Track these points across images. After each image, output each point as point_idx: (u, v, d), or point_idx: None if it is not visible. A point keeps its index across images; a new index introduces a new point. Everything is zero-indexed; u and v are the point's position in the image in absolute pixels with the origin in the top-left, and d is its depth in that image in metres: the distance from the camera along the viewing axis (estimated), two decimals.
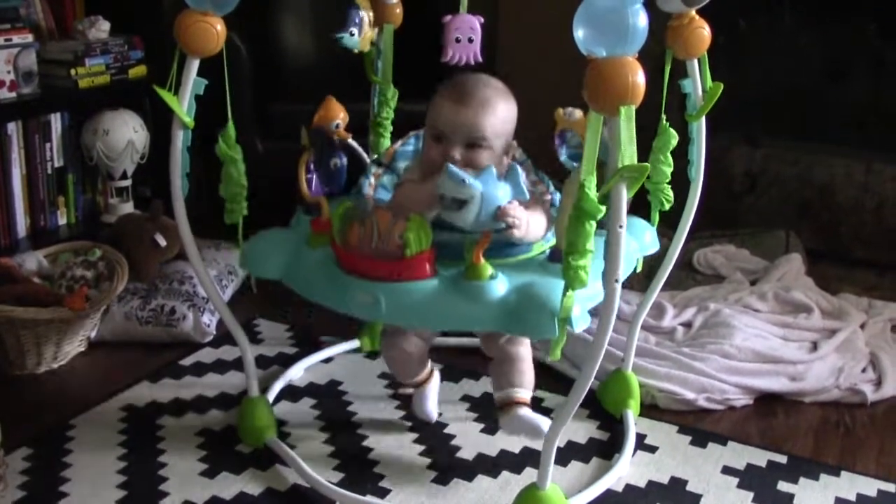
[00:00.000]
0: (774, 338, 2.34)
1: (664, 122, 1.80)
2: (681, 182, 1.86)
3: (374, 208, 1.55)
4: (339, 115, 1.86)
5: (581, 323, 1.48)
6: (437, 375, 2.00)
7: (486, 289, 1.51)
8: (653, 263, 1.91)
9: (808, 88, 3.25)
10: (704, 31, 1.74)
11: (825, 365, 2.23)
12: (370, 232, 1.52)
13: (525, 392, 1.76)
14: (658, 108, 1.78)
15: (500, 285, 1.52)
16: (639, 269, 1.84)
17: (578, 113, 1.70)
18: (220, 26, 1.62)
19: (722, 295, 2.58)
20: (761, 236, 2.96)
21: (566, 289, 1.43)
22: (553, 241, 1.66)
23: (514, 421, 1.73)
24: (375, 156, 2.11)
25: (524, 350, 1.78)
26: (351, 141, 1.91)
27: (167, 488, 1.77)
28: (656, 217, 1.87)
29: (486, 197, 1.46)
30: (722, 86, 1.75)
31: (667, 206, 1.84)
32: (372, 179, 1.81)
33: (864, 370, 2.24)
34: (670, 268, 1.94)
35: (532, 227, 1.57)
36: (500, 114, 1.65)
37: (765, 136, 3.23)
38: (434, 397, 2.00)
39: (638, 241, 1.82)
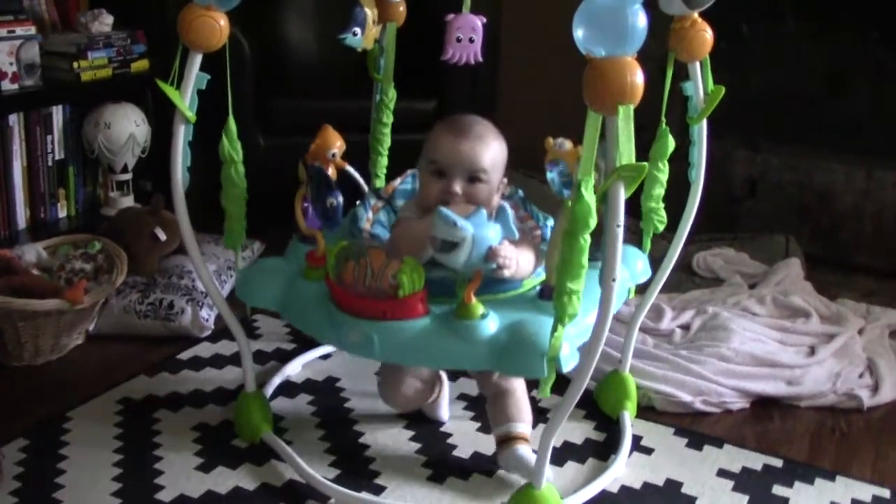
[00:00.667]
0: (772, 342, 2.35)
1: (663, 126, 1.80)
2: (681, 185, 1.86)
3: (368, 248, 1.58)
4: (336, 144, 1.86)
5: (570, 362, 1.50)
6: (446, 382, 2.00)
7: (476, 328, 1.53)
8: (652, 265, 1.91)
9: (810, 94, 3.25)
10: (707, 34, 1.74)
11: (822, 370, 2.23)
12: (364, 271, 1.55)
13: (524, 427, 1.78)
14: (659, 110, 1.79)
15: (490, 324, 1.54)
16: (631, 297, 1.85)
17: (568, 144, 1.72)
18: (223, 21, 1.62)
19: (720, 298, 2.58)
20: (761, 240, 2.96)
21: (555, 326, 1.45)
22: (543, 277, 1.66)
23: (513, 458, 1.75)
24: (374, 178, 2.12)
25: (518, 384, 1.81)
26: (348, 168, 1.92)
27: (162, 482, 1.77)
28: (648, 244, 1.88)
29: (477, 238, 1.47)
30: (724, 89, 1.76)
31: (661, 228, 1.85)
32: (370, 213, 1.81)
33: (861, 375, 2.24)
34: (669, 270, 1.94)
35: (522, 264, 1.59)
36: (494, 148, 1.70)
37: (766, 141, 3.23)
38: (445, 404, 2.01)
39: (630, 269, 1.83)
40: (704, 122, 1.82)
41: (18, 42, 2.65)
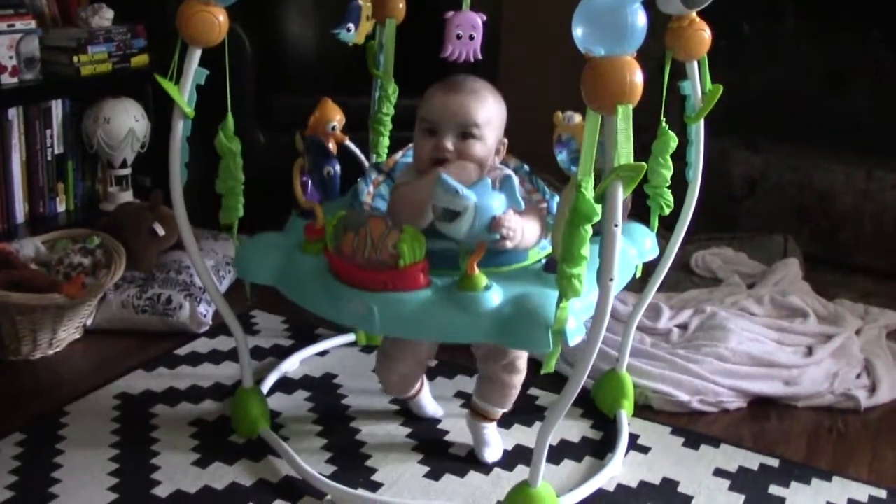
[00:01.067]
0: (770, 342, 2.35)
1: (664, 124, 1.79)
2: (680, 184, 1.86)
3: (368, 217, 1.54)
4: (336, 117, 1.84)
5: (576, 336, 1.47)
6: (425, 383, 2.00)
7: (479, 300, 1.49)
8: (650, 265, 1.91)
9: (810, 93, 3.25)
10: (705, 34, 1.73)
11: (820, 370, 2.23)
12: (364, 241, 1.51)
13: (500, 411, 1.85)
14: (658, 109, 1.78)
15: (494, 296, 1.50)
16: (638, 275, 1.84)
17: (577, 117, 1.69)
18: (222, 17, 1.62)
19: (718, 298, 2.58)
20: (759, 240, 2.96)
21: (560, 300, 1.43)
22: (549, 250, 1.64)
23: (480, 433, 1.86)
24: (376, 158, 2.11)
25: (519, 379, 1.80)
26: (348, 142, 1.90)
27: (159, 477, 1.77)
28: (655, 222, 1.86)
29: (480, 208, 1.43)
30: (721, 88, 1.75)
31: (666, 211, 1.84)
32: (371, 187, 1.79)
33: (858, 376, 2.25)
34: (667, 269, 1.94)
35: (527, 234, 1.55)
36: (490, 105, 1.66)
37: (765, 141, 3.23)
38: (430, 399, 2.01)
39: (637, 247, 1.81)
40: (702, 122, 1.82)
41: (18, 36, 2.65)
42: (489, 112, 1.65)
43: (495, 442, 1.88)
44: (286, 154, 1.93)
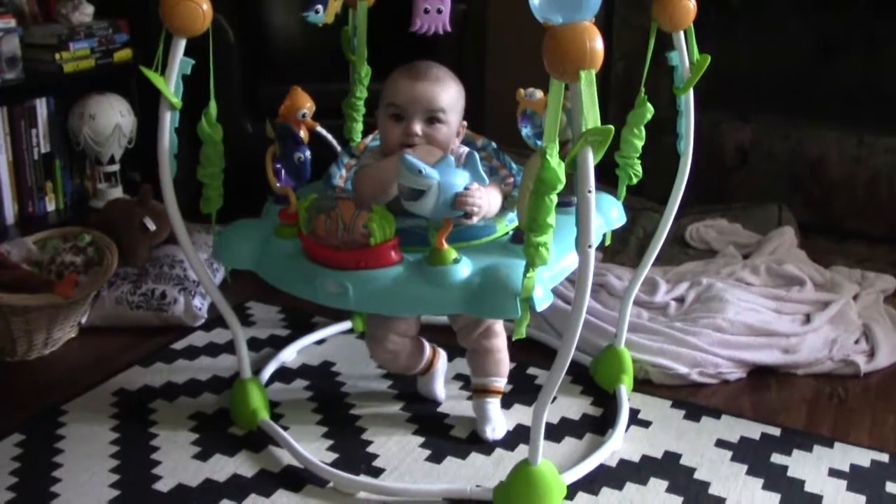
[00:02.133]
0: (767, 311, 2.34)
1: (642, 94, 1.79)
2: (672, 157, 1.86)
3: (337, 199, 1.59)
4: (306, 105, 1.86)
5: (543, 303, 1.51)
6: (443, 358, 2.01)
7: (449, 273, 1.54)
8: (645, 239, 1.91)
9: (800, 63, 3.23)
10: (689, 3, 1.72)
11: (818, 337, 2.23)
12: (335, 223, 1.56)
13: (500, 381, 1.89)
14: (642, 81, 1.77)
15: (463, 269, 1.55)
16: (607, 244, 1.85)
17: (539, 93, 1.75)
18: (206, 6, 1.61)
19: (714, 269, 2.57)
20: (753, 210, 2.96)
21: (527, 268, 1.45)
22: (516, 223, 1.68)
23: (484, 409, 1.88)
24: (349, 143, 2.11)
25: (499, 342, 1.85)
26: (320, 129, 1.91)
27: (160, 472, 1.76)
28: (623, 191, 1.88)
29: (443, 185, 1.48)
30: (709, 58, 1.74)
31: (635, 181, 1.86)
32: (343, 171, 1.85)
33: (857, 342, 2.25)
34: (661, 243, 1.93)
35: (492, 205, 1.62)
36: (453, 90, 1.73)
37: (756, 111, 3.22)
38: (440, 379, 2.02)
39: (604, 216, 1.84)
40: (691, 93, 1.80)
41: None
42: (452, 97, 1.72)
43: (498, 419, 1.89)
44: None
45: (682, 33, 1.76)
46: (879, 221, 3.00)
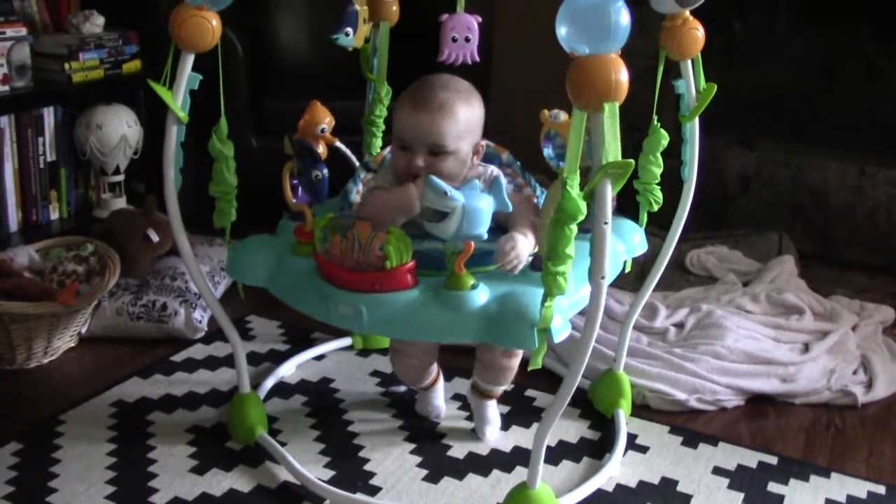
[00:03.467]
0: (766, 339, 2.35)
1: (655, 122, 1.80)
2: (674, 183, 1.86)
3: (354, 220, 1.56)
4: (325, 120, 1.85)
5: (561, 333, 1.49)
6: (441, 378, 2.02)
7: (466, 299, 1.51)
8: (645, 264, 1.91)
9: (802, 91, 3.25)
10: (698, 32, 1.73)
11: (816, 367, 2.24)
12: (351, 244, 1.53)
13: (503, 388, 1.93)
14: (651, 109, 1.78)
15: (481, 295, 1.52)
16: (627, 271, 1.84)
17: (563, 115, 1.73)
18: (215, 21, 1.61)
19: (714, 296, 2.58)
20: (754, 238, 2.97)
21: (545, 298, 1.44)
22: (535, 249, 1.66)
23: (480, 407, 1.94)
24: (366, 159, 2.11)
25: (516, 361, 1.86)
26: (339, 144, 1.91)
27: (157, 484, 1.76)
28: (644, 218, 1.87)
29: (467, 209, 1.46)
30: (715, 87, 1.75)
31: (655, 208, 1.85)
32: (360, 186, 1.82)
33: (854, 372, 2.25)
34: (663, 268, 1.94)
35: (524, 251, 1.59)
36: (460, 117, 1.63)
37: (758, 139, 3.24)
38: (440, 396, 2.02)
39: (626, 243, 1.83)
40: (696, 120, 1.82)
41: (9, 43, 2.65)
42: (459, 126, 1.63)
43: (496, 420, 1.95)
44: (279, 158, 1.93)
45: (689, 62, 1.77)
46: (880, 252, 3.01)
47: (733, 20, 3.25)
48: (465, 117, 1.64)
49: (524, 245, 1.57)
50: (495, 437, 1.93)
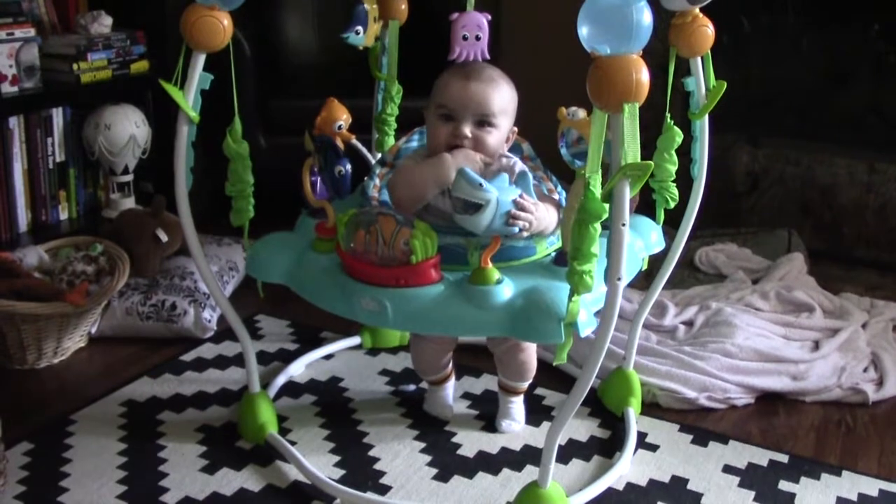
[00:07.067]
0: (776, 337, 2.34)
1: (669, 120, 1.79)
2: (684, 181, 1.86)
3: (378, 214, 1.55)
4: (342, 117, 1.85)
5: (587, 328, 1.49)
6: (453, 375, 2.03)
7: (492, 293, 1.51)
8: (655, 262, 1.91)
9: (811, 88, 3.24)
10: (708, 30, 1.73)
11: (827, 364, 2.23)
12: (375, 238, 1.52)
13: (526, 384, 1.96)
14: (662, 106, 1.78)
15: (506, 290, 1.52)
16: (644, 268, 1.84)
17: (582, 112, 1.70)
18: (226, 21, 1.62)
19: (724, 294, 2.57)
20: (763, 235, 2.96)
21: (572, 293, 1.44)
22: (559, 244, 1.67)
23: (505, 403, 1.98)
24: (380, 155, 2.11)
25: (531, 353, 1.88)
26: (354, 141, 1.91)
27: (167, 484, 1.77)
28: (661, 215, 1.87)
29: (499, 202, 1.46)
30: (725, 84, 1.75)
31: (671, 205, 1.85)
32: (377, 181, 1.82)
33: (865, 370, 2.24)
34: (672, 266, 1.93)
35: (542, 220, 1.58)
36: (505, 93, 1.70)
37: (768, 136, 3.23)
38: (450, 394, 2.03)
39: (644, 239, 1.83)
40: (706, 118, 1.81)
41: (18, 44, 2.65)
42: (504, 101, 1.69)
43: (519, 417, 1.98)
44: (288, 157, 1.93)
45: (699, 60, 1.77)
46: (890, 249, 3.00)
47: (742, 17, 3.24)
48: (509, 95, 1.72)
49: (543, 214, 1.57)
50: (515, 429, 1.96)
